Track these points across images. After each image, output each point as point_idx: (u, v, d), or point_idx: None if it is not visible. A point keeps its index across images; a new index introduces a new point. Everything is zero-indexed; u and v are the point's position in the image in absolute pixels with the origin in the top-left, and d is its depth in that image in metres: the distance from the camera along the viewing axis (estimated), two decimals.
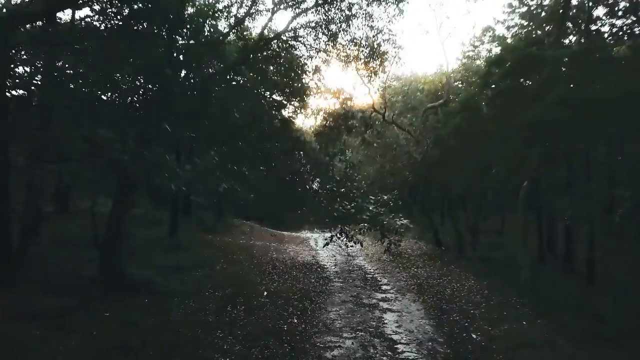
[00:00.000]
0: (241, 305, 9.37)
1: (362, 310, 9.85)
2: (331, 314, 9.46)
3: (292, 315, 9.08)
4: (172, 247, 15.86)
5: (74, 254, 12.31)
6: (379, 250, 21.07)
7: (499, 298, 10.57)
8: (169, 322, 8.03)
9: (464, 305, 10.14)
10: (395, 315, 9.43)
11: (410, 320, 9.06)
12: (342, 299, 10.82)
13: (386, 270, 15.24)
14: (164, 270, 12.17)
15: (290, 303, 10.02)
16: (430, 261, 16.69)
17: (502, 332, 8.17)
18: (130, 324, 7.80)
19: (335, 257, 18.49)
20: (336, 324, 8.73)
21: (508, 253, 18.20)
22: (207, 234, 20.29)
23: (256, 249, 18.47)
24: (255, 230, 26.83)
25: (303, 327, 8.45)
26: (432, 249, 19.89)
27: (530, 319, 8.80)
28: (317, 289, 11.89)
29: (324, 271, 14.90)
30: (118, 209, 9.80)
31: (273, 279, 12.73)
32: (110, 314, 8.20)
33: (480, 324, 8.70)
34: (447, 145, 14.14)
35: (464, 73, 20.58)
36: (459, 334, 8.19)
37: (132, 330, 7.57)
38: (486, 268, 14.70)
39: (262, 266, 14.52)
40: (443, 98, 19.33)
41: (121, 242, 9.85)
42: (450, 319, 9.14)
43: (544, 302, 9.99)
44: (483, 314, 9.32)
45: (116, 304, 8.66)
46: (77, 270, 10.63)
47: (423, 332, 8.32)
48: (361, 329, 8.43)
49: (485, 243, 20.52)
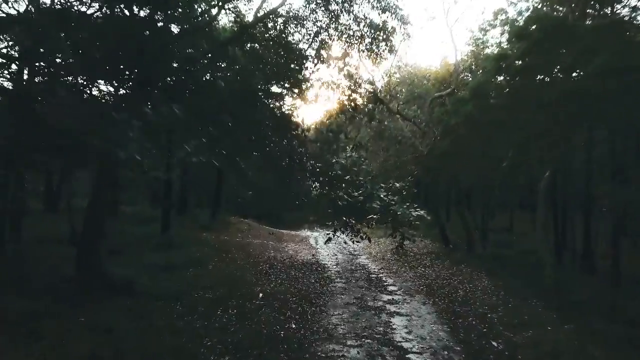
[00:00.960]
0: (233, 309, 8.56)
1: (367, 313, 9.02)
2: (333, 318, 8.63)
3: (289, 320, 8.25)
4: (162, 245, 15.06)
5: (55, 253, 11.55)
6: (383, 248, 20.29)
7: (517, 300, 9.74)
8: (150, 328, 7.19)
9: (479, 308, 9.30)
10: (404, 320, 8.59)
11: (421, 325, 8.22)
12: (345, 301, 9.99)
13: (391, 270, 14.40)
14: (151, 270, 11.39)
15: (288, 306, 9.20)
16: (437, 260, 15.85)
17: (525, 339, 7.33)
18: (105, 330, 6.98)
19: (337, 256, 17.66)
20: (339, 329, 7.89)
21: (520, 251, 17.42)
22: (202, 232, 19.45)
23: (253, 247, 17.65)
24: (253, 228, 26.01)
25: (302, 333, 7.62)
26: (439, 247, 19.04)
27: (555, 324, 7.97)
28: (317, 290, 11.06)
29: (325, 271, 14.07)
30: (97, 202, 8.95)
31: (270, 279, 11.90)
32: (85, 319, 7.37)
33: (499, 329, 7.86)
34: (458, 134, 13.25)
35: (473, 60, 19.64)
36: (477, 341, 7.35)
37: (106, 338, 6.75)
38: (499, 267, 13.87)
39: (258, 265, 13.69)
40: (451, 86, 18.42)
41: (101, 239, 8.99)
42: (465, 323, 8.30)
43: (568, 305, 9.14)
44: (502, 318, 8.48)
45: (92, 307, 7.85)
46: (55, 270, 9.82)
47: (436, 338, 7.48)
48: (367, 335, 7.59)
49: (494, 241, 19.69)
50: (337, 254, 18.24)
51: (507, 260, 15.39)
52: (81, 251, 8.92)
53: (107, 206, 9.29)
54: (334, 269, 14.42)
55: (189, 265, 12.45)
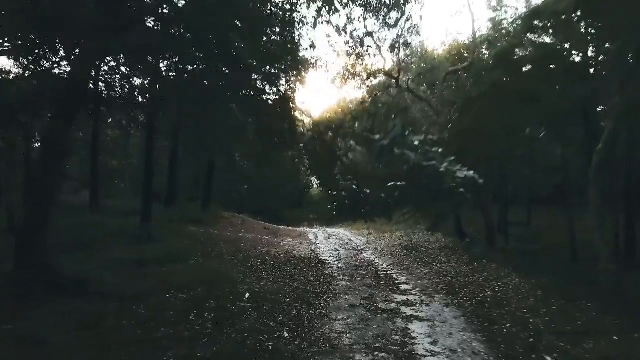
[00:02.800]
0: (211, 312, 7.01)
1: (378, 318, 7.44)
2: (336, 324, 7.05)
3: (281, 327, 6.69)
4: (139, 238, 13.46)
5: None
6: (390, 243, 18.76)
7: (562, 301, 8.16)
8: (96, 337, 5.65)
9: (516, 310, 7.71)
10: (425, 326, 7.00)
11: (448, 334, 6.63)
12: (351, 303, 8.41)
13: (402, 266, 12.82)
14: (119, 266, 9.88)
15: (281, 308, 7.64)
16: (453, 255, 14.29)
17: (588, 353, 5.77)
18: (36, 341, 5.41)
19: (339, 251, 16.08)
20: (344, 339, 6.31)
21: (546, 245, 15.82)
22: (189, 225, 17.87)
23: (244, 242, 16.10)
24: (247, 223, 24.46)
25: (297, 344, 6.05)
26: (454, 241, 17.46)
27: (622, 332, 6.39)
28: (317, 289, 9.49)
29: (326, 267, 12.49)
30: (41, 181, 7.34)
31: (261, 276, 10.34)
32: (13, 327, 5.86)
33: (550, 338, 6.28)
34: (481, 107, 11.58)
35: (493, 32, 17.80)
36: (525, 355, 5.76)
37: (36, 352, 5.20)
38: (528, 262, 12.27)
39: (248, 261, 12.13)
40: (468, 60, 16.72)
41: (46, 227, 7.40)
42: (503, 331, 6.72)
43: (631, 307, 7.55)
44: (548, 324, 6.90)
45: (26, 312, 6.31)
46: None
47: (471, 352, 5.89)
48: (380, 347, 6.01)
49: (514, 235, 18.10)
50: (339, 249, 16.67)
51: (535, 256, 13.80)
52: (21, 242, 7.30)
53: (55, 185, 7.64)
54: (336, 265, 12.84)
55: (166, 260, 10.96)
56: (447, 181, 9.61)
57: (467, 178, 9.74)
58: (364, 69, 16.67)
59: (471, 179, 9.74)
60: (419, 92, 18.18)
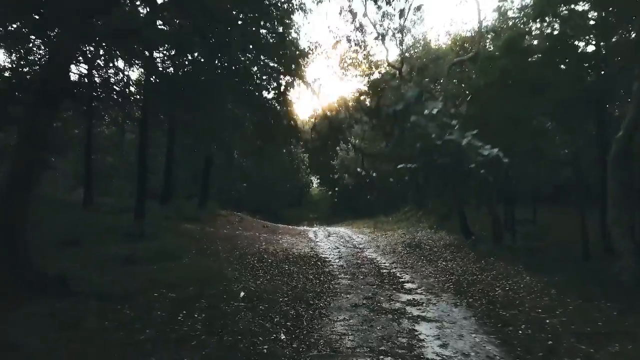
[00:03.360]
0: (202, 312, 6.53)
1: (382, 318, 6.97)
2: (337, 325, 6.59)
3: (278, 328, 6.22)
4: (131, 235, 13.00)
5: None
6: (392, 240, 18.27)
7: (578, 300, 7.70)
8: (76, 340, 5.18)
9: (530, 310, 7.25)
10: (433, 327, 6.53)
11: (458, 336, 6.16)
12: (352, 302, 7.95)
13: (406, 264, 12.36)
14: (107, 263, 9.41)
15: (278, 308, 7.17)
16: (459, 253, 13.81)
17: (614, 357, 5.30)
18: (7, 346, 4.94)
19: (339, 249, 15.61)
20: (346, 341, 5.85)
21: (554, 243, 15.37)
22: (184, 223, 17.41)
23: (241, 240, 15.62)
24: (245, 221, 23.97)
25: (295, 347, 5.59)
26: (458, 238, 16.96)
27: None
28: (316, 287, 9.02)
29: (326, 265, 12.02)
30: (18, 171, 6.86)
31: (257, 274, 9.87)
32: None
33: (570, 341, 5.81)
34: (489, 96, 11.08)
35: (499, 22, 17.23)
36: (544, 359, 5.28)
37: (8, 358, 4.74)
38: (537, 260, 11.80)
39: (245, 259, 11.65)
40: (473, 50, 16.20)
41: (24, 222, 6.92)
42: (518, 332, 6.25)
43: None
44: (566, 325, 6.43)
45: (2, 313, 5.83)
46: None
47: (485, 355, 5.43)
48: (386, 350, 5.54)
49: (521, 232, 17.65)
50: (340, 247, 16.20)
51: (544, 253, 13.34)
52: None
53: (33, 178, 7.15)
54: (337, 263, 12.37)
55: (158, 258, 10.50)
56: (470, 158, 8.39)
57: (491, 156, 8.60)
58: (365, 57, 16.11)
59: (495, 158, 8.68)
60: (422, 84, 17.67)
